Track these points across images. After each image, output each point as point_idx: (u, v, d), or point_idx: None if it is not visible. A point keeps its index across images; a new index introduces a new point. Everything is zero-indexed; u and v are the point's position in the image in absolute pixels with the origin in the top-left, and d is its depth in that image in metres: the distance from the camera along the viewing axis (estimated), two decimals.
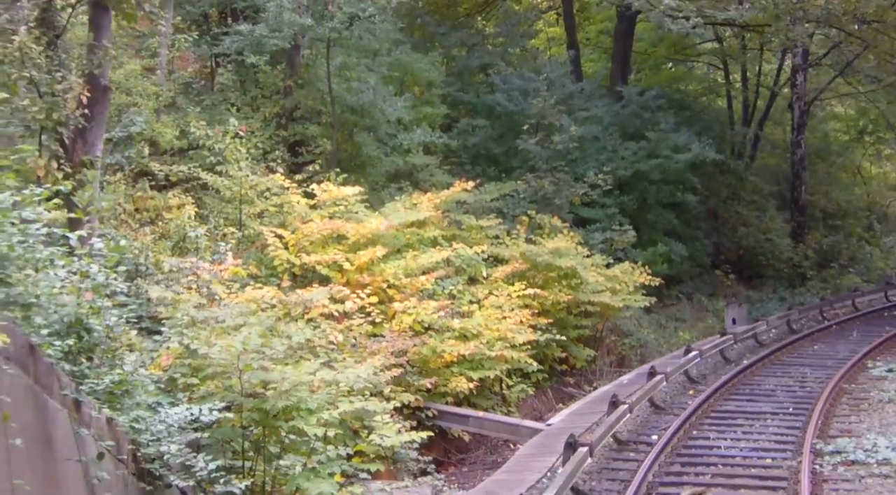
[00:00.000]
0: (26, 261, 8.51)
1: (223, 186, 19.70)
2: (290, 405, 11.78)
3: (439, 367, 17.97)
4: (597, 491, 13.26)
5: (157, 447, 9.94)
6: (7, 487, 7.16)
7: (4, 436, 7.21)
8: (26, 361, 7.92)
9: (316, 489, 11.70)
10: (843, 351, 24.22)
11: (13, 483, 7.19)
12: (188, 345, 11.91)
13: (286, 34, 22.23)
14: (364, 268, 18.78)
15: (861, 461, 14.30)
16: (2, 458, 7.15)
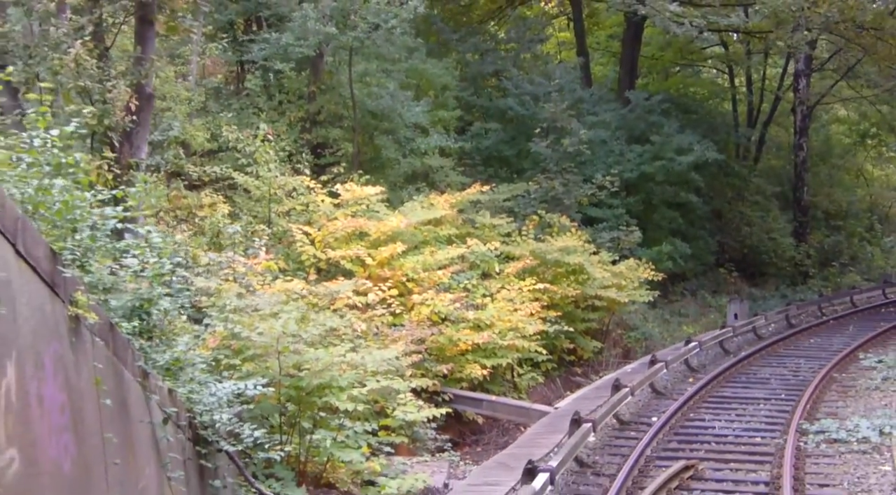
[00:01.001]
0: (106, 251, 9.87)
1: (253, 186, 21.09)
2: (323, 383, 13.15)
3: (455, 355, 19.30)
4: (599, 463, 14.60)
5: (210, 416, 11.29)
6: (100, 440, 8.52)
7: (97, 397, 8.58)
8: (108, 336, 9.26)
9: (347, 457, 13.10)
10: (838, 344, 25.49)
11: (104, 436, 8.56)
12: (232, 329, 13.26)
13: (311, 42, 23.58)
14: (385, 263, 20.11)
15: (843, 439, 15.59)
16: (95, 416, 8.52)
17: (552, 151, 28.58)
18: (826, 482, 13.48)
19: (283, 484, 12.67)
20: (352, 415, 13.89)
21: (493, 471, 13.85)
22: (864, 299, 34.57)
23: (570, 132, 28.73)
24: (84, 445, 8.29)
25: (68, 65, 15.21)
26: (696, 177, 33.18)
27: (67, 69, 15.25)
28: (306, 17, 23.47)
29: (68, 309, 8.27)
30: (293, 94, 25.67)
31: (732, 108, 44.21)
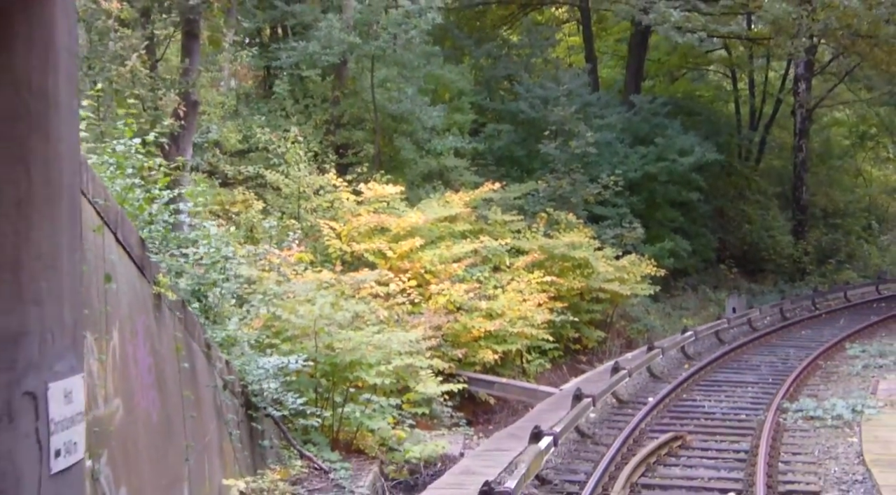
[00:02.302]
0: (179, 241, 11.64)
1: (283, 184, 22.86)
2: (354, 360, 14.91)
3: (469, 341, 21.04)
4: (598, 434, 16.33)
5: (259, 385, 13.07)
6: (178, 398, 10.28)
7: (176, 362, 10.34)
8: (181, 313, 11.02)
9: (375, 425, 14.87)
10: (827, 335, 27.13)
11: (183, 394, 10.33)
12: (274, 312, 15.03)
13: (336, 51, 25.33)
14: (405, 256, 21.85)
15: (819, 417, 17.28)
16: (175, 377, 10.27)
17: (560, 152, 30.30)
18: (799, 451, 15.21)
19: (319, 448, 14.41)
20: (378, 390, 15.68)
21: (504, 440, 15.59)
22: (858, 295, 36.22)
23: (577, 134, 30.44)
24: (166, 401, 10.05)
25: (125, 75, 16.99)
26: (697, 177, 34.84)
27: (124, 79, 17.03)
28: (331, 27, 25.22)
29: (153, 288, 10.02)
30: (318, 98, 27.44)
31: (735, 110, 45.91)
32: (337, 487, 13.01)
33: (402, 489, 14.70)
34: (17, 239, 4.01)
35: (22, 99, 4.03)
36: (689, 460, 14.75)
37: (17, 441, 4.02)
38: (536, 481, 13.28)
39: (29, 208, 4.04)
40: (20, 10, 4.08)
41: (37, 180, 4.11)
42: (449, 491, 12.56)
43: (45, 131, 4.20)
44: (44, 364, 4.18)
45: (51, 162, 4.23)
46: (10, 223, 3.96)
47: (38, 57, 4.16)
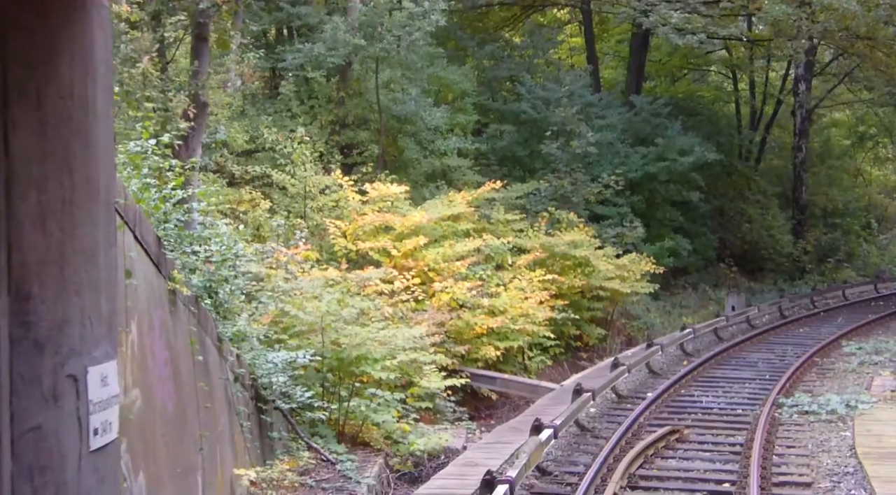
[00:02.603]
0: (192, 239, 12.07)
1: (289, 184, 23.29)
2: (360, 354, 15.33)
3: (471, 337, 21.46)
4: (598, 428, 16.75)
5: (269, 378, 13.50)
6: (193, 389, 10.70)
7: (191, 355, 10.76)
8: (194, 308, 11.44)
9: (380, 418, 15.29)
10: (825, 333, 27.53)
11: (197, 385, 10.75)
12: (282, 308, 15.45)
13: (341, 52, 25.75)
14: (409, 254, 22.27)
15: (813, 411, 17.70)
16: (189, 370, 10.70)
17: (562, 152, 30.72)
18: (793, 444, 15.63)
19: (326, 440, 14.83)
20: (383, 385, 16.11)
21: (506, 433, 16.02)
22: (857, 293, 36.64)
23: (578, 135, 30.86)
24: (181, 392, 10.47)
25: (136, 78, 17.41)
26: (697, 176, 35.26)
27: (135, 81, 17.45)
28: (336, 29, 25.65)
29: (168, 284, 10.45)
30: (323, 98, 27.88)
31: (736, 110, 46.33)
32: (344, 478, 13.42)
33: (407, 480, 15.12)
34: (62, 235, 4.41)
35: (66, 107, 4.44)
36: (685, 453, 15.16)
37: (62, 419, 4.41)
38: (537, 472, 13.71)
39: (72, 207, 4.44)
40: (65, 27, 4.49)
41: (79, 181, 4.51)
42: (452, 480, 12.98)
43: (86, 137, 4.60)
44: (84, 349, 4.57)
45: (90, 164, 4.64)
46: (56, 220, 4.36)
47: (79, 69, 4.56)
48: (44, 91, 4.30)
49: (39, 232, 4.34)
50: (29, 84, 4.25)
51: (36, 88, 4.28)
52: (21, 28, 4.17)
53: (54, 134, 4.38)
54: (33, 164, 4.29)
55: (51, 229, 4.37)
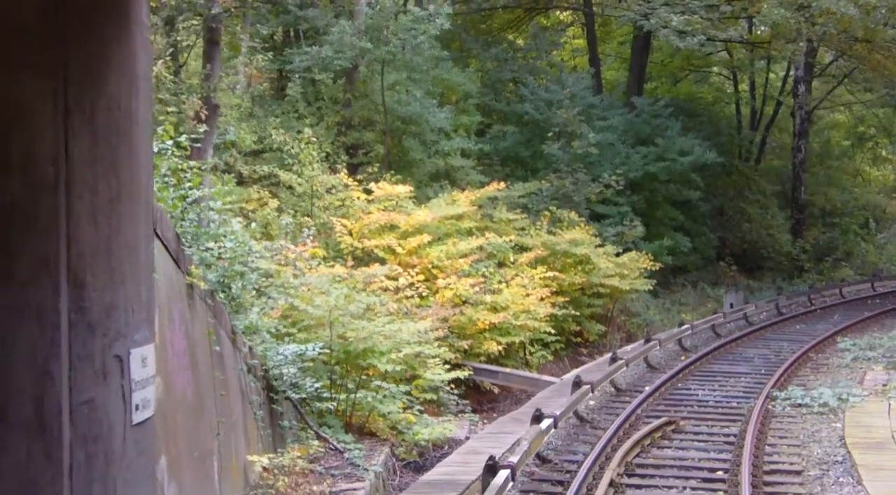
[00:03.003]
0: (209, 236, 12.65)
1: (296, 183, 23.87)
2: (367, 347, 15.91)
3: (474, 333, 22.02)
4: (597, 420, 17.31)
5: (280, 369, 14.07)
6: (210, 378, 11.28)
7: (208, 346, 11.34)
8: (210, 301, 12.02)
9: (386, 409, 15.87)
10: (821, 330, 28.05)
11: (214, 374, 11.33)
12: (292, 303, 16.03)
13: (348, 55, 26.33)
14: (413, 252, 22.84)
15: (806, 404, 18.26)
16: (207, 360, 11.28)
17: (563, 153, 31.29)
18: (785, 435, 16.20)
19: (334, 430, 15.40)
20: (389, 377, 16.69)
21: (507, 424, 16.61)
22: (854, 291, 37.16)
23: (580, 135, 31.42)
24: (199, 381, 11.05)
25: None
26: (697, 177, 35.82)
27: None
28: (343, 32, 26.23)
29: (186, 278, 11.02)
30: (330, 100, 28.47)
31: (736, 111, 46.88)
32: (351, 465, 13.98)
33: (412, 469, 15.71)
34: (110, 230, 4.99)
35: (114, 118, 5.02)
36: (681, 443, 15.73)
37: (110, 395, 4.99)
38: (538, 460, 14.28)
39: (118, 205, 5.02)
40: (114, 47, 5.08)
41: (124, 183, 5.10)
42: (456, 467, 13.56)
43: (130, 144, 5.19)
44: (127, 333, 5.16)
45: (133, 168, 5.23)
46: (105, 218, 4.94)
47: (125, 83, 5.15)
48: (96, 104, 4.87)
49: (92, 227, 4.91)
50: (85, 98, 4.81)
51: (90, 102, 4.85)
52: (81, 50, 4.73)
53: (104, 141, 4.95)
54: (87, 168, 4.85)
55: (101, 225, 4.94)
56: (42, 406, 4.47)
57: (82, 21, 4.77)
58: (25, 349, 4.34)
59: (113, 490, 5.01)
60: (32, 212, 4.39)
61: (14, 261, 4.26)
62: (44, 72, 4.50)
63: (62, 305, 4.65)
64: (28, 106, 4.40)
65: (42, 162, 4.49)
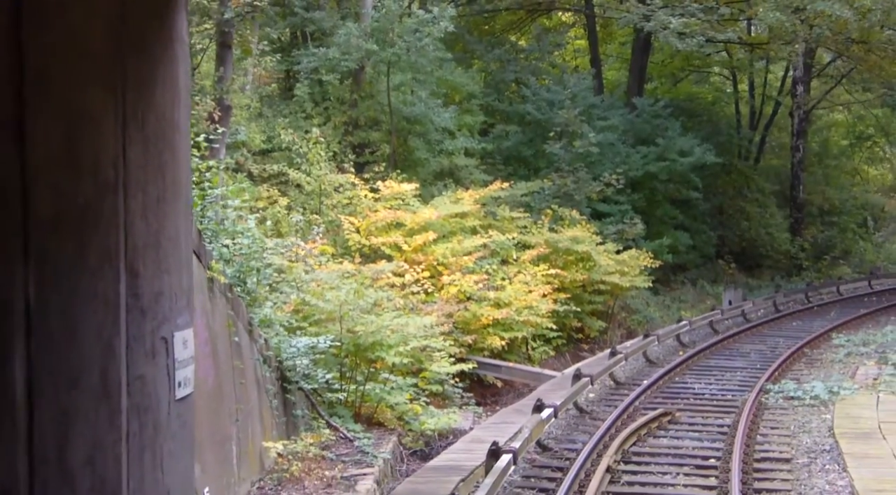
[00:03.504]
0: (228, 233, 13.32)
1: (305, 182, 24.54)
2: (375, 341, 16.57)
3: (478, 328, 22.67)
4: (596, 411, 17.97)
5: (293, 361, 14.74)
6: (229, 367, 11.95)
7: (228, 336, 12.01)
8: (228, 295, 12.69)
9: (394, 400, 16.54)
10: (817, 326, 28.68)
11: (234, 363, 12.00)
12: (303, 298, 16.70)
13: (355, 57, 27.01)
14: (419, 249, 23.49)
15: (798, 397, 18.92)
16: (226, 350, 11.94)
17: (565, 152, 31.96)
18: (777, 425, 16.86)
19: (344, 420, 16.06)
20: (396, 370, 17.35)
21: (510, 415, 17.27)
22: (851, 289, 37.81)
23: (581, 135, 32.09)
24: (219, 369, 11.72)
25: None
26: (696, 176, 36.47)
27: None
28: (350, 34, 26.91)
29: (206, 272, 11.69)
30: (337, 100, 29.14)
31: (735, 111, 47.54)
32: (361, 453, 14.64)
33: (419, 457, 16.36)
34: (157, 226, 5.66)
35: (160, 127, 5.69)
36: (676, 433, 16.39)
37: (157, 372, 5.65)
38: (539, 448, 14.95)
39: (164, 204, 5.69)
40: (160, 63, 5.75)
41: (168, 184, 5.77)
42: (461, 454, 14.22)
43: (173, 149, 5.86)
44: (171, 318, 5.83)
45: (176, 170, 5.91)
46: (154, 214, 5.60)
47: (169, 95, 5.83)
48: (146, 115, 5.54)
49: (143, 223, 5.57)
50: (137, 110, 5.48)
51: (141, 113, 5.52)
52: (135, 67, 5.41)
53: (153, 147, 5.62)
54: (139, 171, 5.51)
55: (150, 221, 5.61)
56: (106, 377, 5.11)
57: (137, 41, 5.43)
58: (94, 328, 5.00)
59: (160, 458, 5.68)
60: (99, 210, 5.04)
61: (86, 254, 4.92)
62: (107, 86, 5.15)
63: (121, 291, 5.30)
64: (95, 116, 5.04)
65: (106, 166, 5.13)
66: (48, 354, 4.56)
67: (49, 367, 4.59)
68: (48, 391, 4.58)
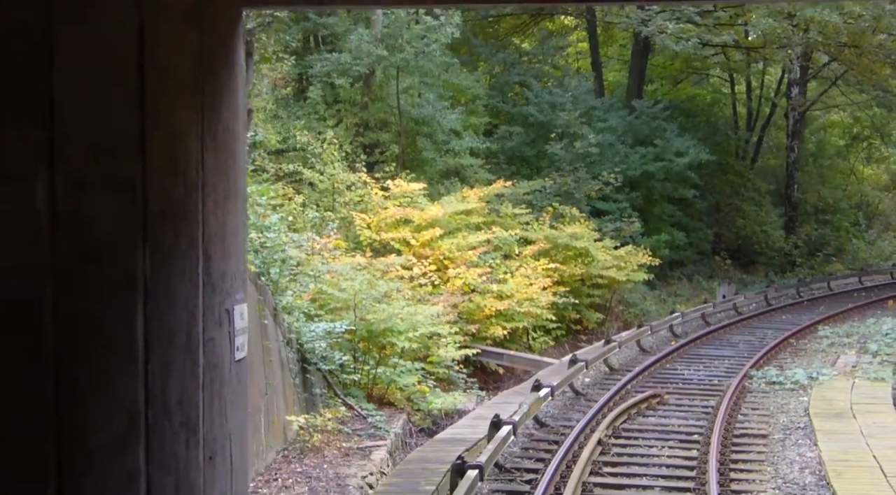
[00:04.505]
0: (256, 227, 14.75)
1: (318, 180, 25.96)
2: (387, 327, 18.00)
3: (481, 318, 24.07)
4: (590, 393, 19.38)
5: (312, 344, 16.17)
6: (259, 346, 13.38)
7: (259, 318, 13.44)
8: (257, 282, 14.12)
9: (404, 381, 17.99)
10: (806, 319, 30.04)
11: (263, 343, 13.43)
12: (321, 288, 18.13)
13: (365, 62, 28.45)
14: (426, 244, 24.89)
15: (779, 382, 20.33)
16: (257, 330, 13.37)
17: (566, 152, 33.40)
18: (757, 406, 18.29)
19: (357, 399, 17.50)
20: (405, 355, 18.77)
21: (510, 396, 18.67)
22: (842, 285, 39.16)
23: (581, 136, 33.51)
24: (250, 348, 13.12)
25: None
26: (693, 175, 37.88)
27: None
28: (361, 40, 28.33)
29: None
30: (349, 102, 30.59)
31: (733, 112, 48.95)
32: (374, 428, 16.08)
33: (426, 434, 17.78)
34: (224, 219, 7.09)
35: (226, 138, 7.13)
36: (664, 412, 17.81)
37: (223, 336, 7.08)
38: (536, 424, 16.37)
39: (228, 201, 7.12)
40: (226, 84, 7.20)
41: (231, 185, 7.20)
42: (465, 429, 15.65)
43: (234, 155, 7.30)
44: (233, 293, 7.26)
45: (236, 174, 7.35)
46: (221, 210, 7.01)
47: (231, 110, 7.26)
48: (216, 128, 6.98)
49: (214, 216, 7.01)
50: (211, 124, 6.93)
51: (213, 127, 6.96)
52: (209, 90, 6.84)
53: (221, 155, 7.06)
54: (212, 174, 6.96)
55: (219, 215, 7.04)
56: (190, 338, 6.52)
57: (210, 70, 6.86)
58: (184, 299, 6.41)
59: (224, 407, 7.14)
60: (187, 206, 6.44)
61: (180, 241, 6.32)
62: (192, 108, 6.57)
63: (200, 271, 6.72)
64: (184, 132, 6.45)
65: (191, 171, 6.55)
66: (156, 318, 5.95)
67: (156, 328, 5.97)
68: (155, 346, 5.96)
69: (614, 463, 14.46)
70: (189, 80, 6.65)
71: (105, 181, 5.07)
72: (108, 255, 5.18)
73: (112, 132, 5.22)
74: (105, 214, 5.12)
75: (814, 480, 13.33)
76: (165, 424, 6.12)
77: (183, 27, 6.62)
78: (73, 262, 4.71)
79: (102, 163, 5.02)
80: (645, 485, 13.32)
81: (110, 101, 5.19)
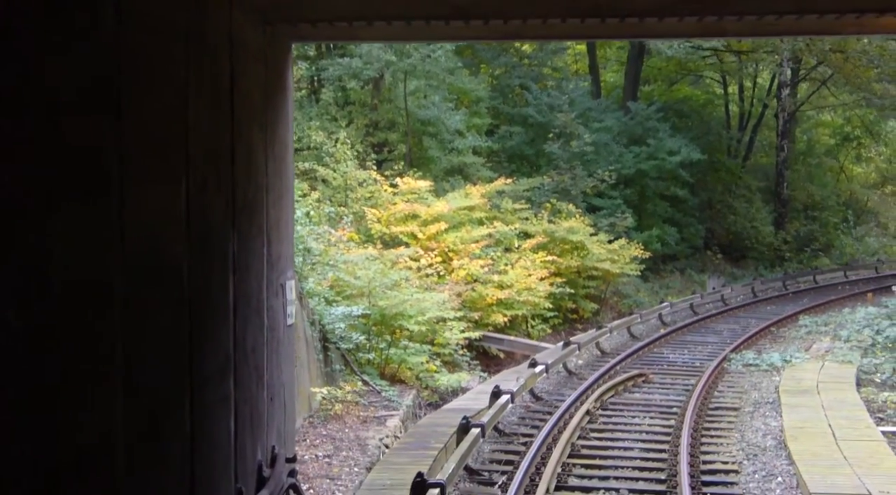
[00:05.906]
0: None
1: (332, 178, 27.86)
2: (398, 312, 19.92)
3: (483, 306, 25.96)
4: (583, 373, 21.31)
5: (333, 325, 18.09)
6: (302, 325, 15.25)
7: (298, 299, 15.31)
8: None
9: (413, 361, 19.92)
10: (789, 310, 31.94)
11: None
12: (339, 276, 20.05)
13: (375, 66, 30.35)
14: (432, 237, 26.78)
15: (756, 364, 22.25)
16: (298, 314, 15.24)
17: (563, 151, 35.31)
18: (733, 385, 20.21)
19: (372, 377, 19.41)
20: (414, 338, 20.69)
21: (509, 375, 20.55)
22: (827, 278, 41.08)
23: (577, 136, 35.41)
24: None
25: None
26: (685, 173, 39.79)
27: None
28: (371, 45, 30.21)
29: None
30: (359, 104, 32.50)
31: (725, 112, 50.85)
32: (388, 401, 17.99)
33: (434, 408, 19.70)
34: (279, 212, 9.02)
35: (280, 149, 9.06)
36: (648, 390, 19.73)
37: (278, 305, 9.01)
38: (532, 397, 18.29)
39: (281, 198, 9.05)
40: (280, 104, 9.13)
41: (283, 186, 9.14)
42: (469, 401, 17.56)
43: (285, 162, 9.26)
44: (284, 271, 9.20)
45: (287, 176, 9.31)
46: (277, 205, 8.94)
47: (284, 126, 9.23)
48: (274, 141, 8.91)
49: (273, 210, 8.94)
50: (271, 138, 8.87)
51: (272, 140, 8.90)
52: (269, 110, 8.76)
53: (277, 161, 8.99)
54: (272, 177, 8.89)
55: (275, 209, 8.98)
56: (259, 303, 8.43)
57: (271, 93, 8.79)
58: (256, 272, 8.32)
59: (280, 362, 9.08)
60: (257, 202, 8.35)
61: (252, 228, 8.23)
62: (260, 125, 8.49)
63: (264, 252, 8.64)
64: (256, 144, 8.37)
65: (260, 175, 8.47)
66: (240, 286, 7.86)
67: (239, 294, 7.88)
68: (240, 306, 7.87)
69: (601, 429, 16.38)
70: (259, 104, 8.65)
71: (214, 183, 7.01)
72: (215, 239, 7.13)
73: (218, 146, 7.18)
74: (214, 208, 7.08)
75: (774, 443, 15.24)
76: (244, 366, 8.11)
77: (254, 63, 8.62)
78: (197, 243, 6.66)
79: (213, 170, 6.96)
80: (626, 446, 15.23)
81: (217, 122, 7.15)
